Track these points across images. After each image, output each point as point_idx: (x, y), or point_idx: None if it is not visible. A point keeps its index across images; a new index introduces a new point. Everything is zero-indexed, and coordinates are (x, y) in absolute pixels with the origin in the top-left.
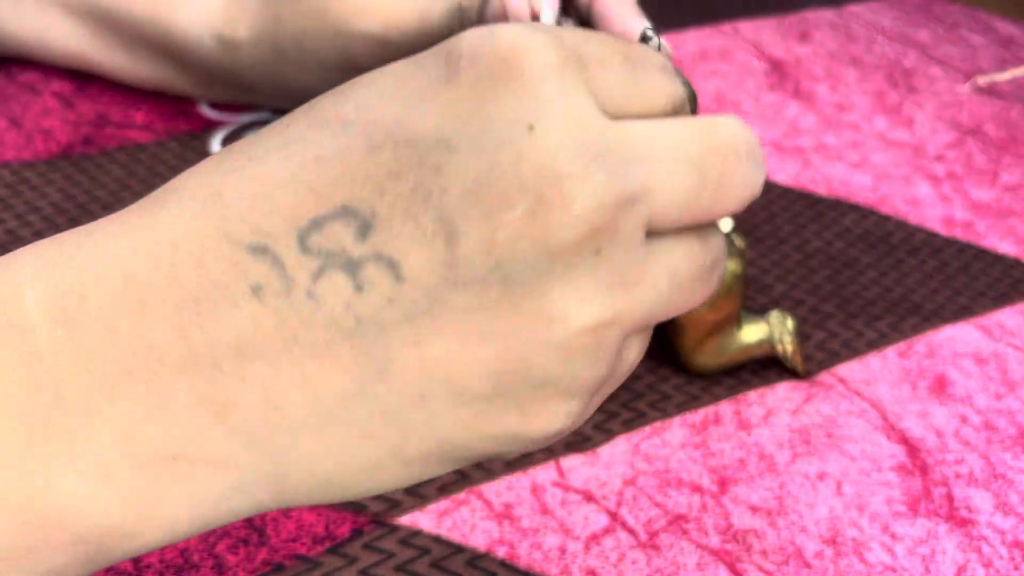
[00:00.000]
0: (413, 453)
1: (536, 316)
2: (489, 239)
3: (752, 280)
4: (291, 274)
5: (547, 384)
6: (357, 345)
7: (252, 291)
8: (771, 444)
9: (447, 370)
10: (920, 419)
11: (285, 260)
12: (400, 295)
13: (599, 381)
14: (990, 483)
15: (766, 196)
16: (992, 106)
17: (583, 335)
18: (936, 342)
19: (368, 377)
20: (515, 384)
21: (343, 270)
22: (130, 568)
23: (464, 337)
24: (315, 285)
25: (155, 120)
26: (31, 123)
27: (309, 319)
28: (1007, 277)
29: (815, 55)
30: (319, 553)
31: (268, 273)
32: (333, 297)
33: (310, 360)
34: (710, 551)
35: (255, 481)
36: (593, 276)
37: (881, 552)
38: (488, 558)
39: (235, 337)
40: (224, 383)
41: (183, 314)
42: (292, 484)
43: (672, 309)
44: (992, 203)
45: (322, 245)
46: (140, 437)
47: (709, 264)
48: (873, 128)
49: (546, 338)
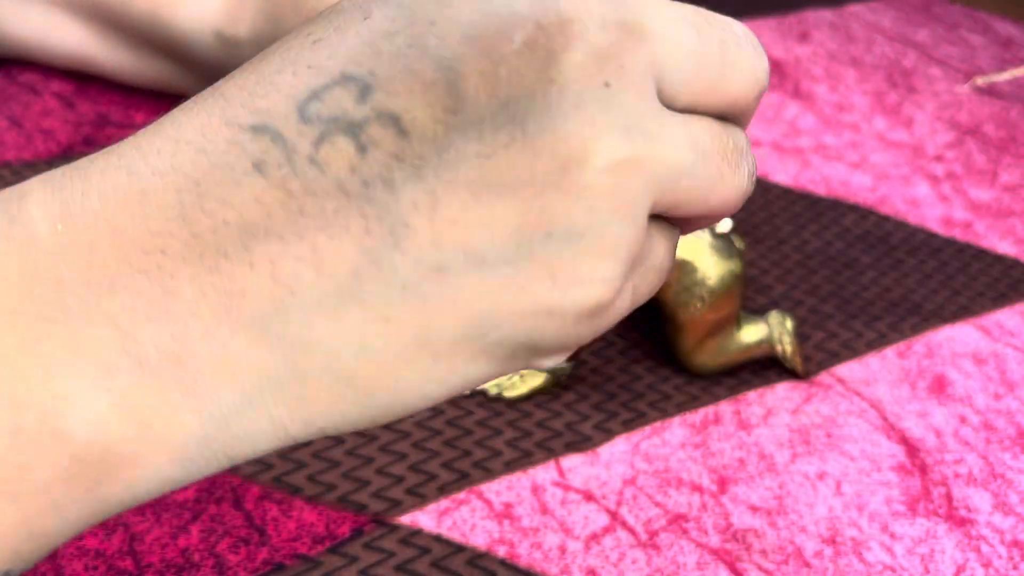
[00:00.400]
0: (440, 341)
1: (551, 157)
2: (491, 75)
3: (751, 280)
4: (292, 144)
5: (573, 239)
6: (366, 211)
7: (254, 167)
8: (771, 444)
9: (463, 232)
10: (919, 419)
11: (285, 133)
12: (406, 150)
13: (630, 245)
14: (989, 483)
15: (766, 196)
16: (991, 106)
17: (603, 175)
18: (935, 342)
19: (380, 246)
20: (539, 242)
21: (345, 133)
22: (131, 568)
23: (478, 190)
24: (317, 151)
25: (155, 120)
26: (31, 123)
27: (314, 187)
28: (1006, 277)
29: (815, 55)
30: (320, 552)
31: (269, 148)
32: (337, 161)
33: (318, 232)
34: (710, 550)
35: (269, 388)
36: (606, 112)
37: (880, 552)
38: (488, 557)
39: (239, 217)
40: (230, 271)
41: (184, 197)
42: (312, 391)
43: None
44: (991, 203)
45: (322, 113)
46: (142, 336)
47: (733, 147)
48: (872, 128)
49: (564, 181)
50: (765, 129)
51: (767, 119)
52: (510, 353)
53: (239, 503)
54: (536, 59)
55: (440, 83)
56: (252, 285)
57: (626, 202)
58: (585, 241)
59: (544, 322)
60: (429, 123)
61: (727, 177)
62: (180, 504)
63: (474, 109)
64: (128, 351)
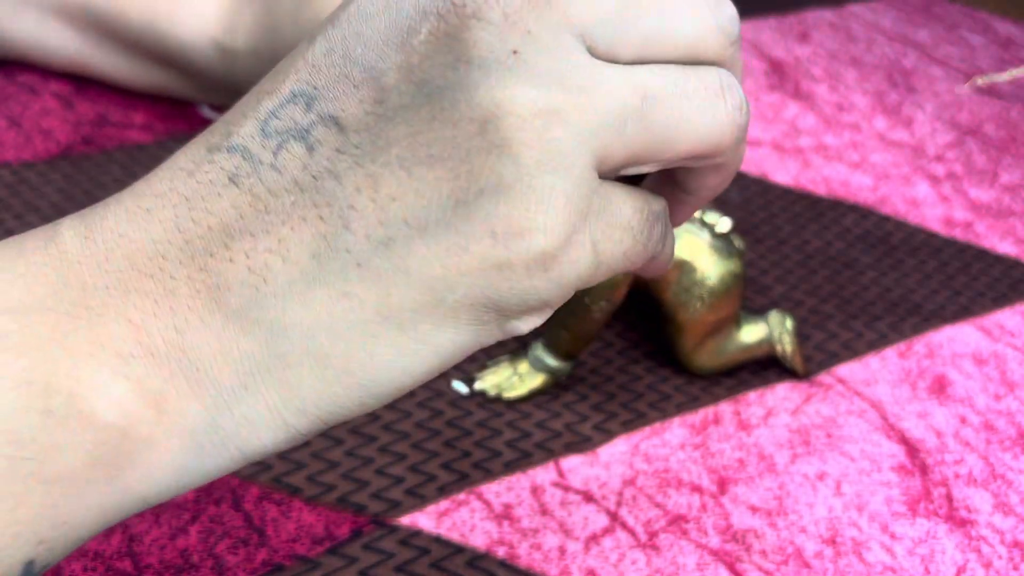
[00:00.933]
0: (402, 311)
1: (468, 122)
2: (406, 66)
3: (752, 281)
4: (258, 156)
5: (503, 193)
6: (318, 200)
7: (230, 180)
8: (770, 444)
9: (403, 205)
10: (920, 419)
11: (251, 148)
12: (345, 143)
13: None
14: (989, 483)
15: (766, 196)
16: (992, 106)
17: (520, 129)
18: (936, 342)
19: (333, 229)
20: (472, 202)
21: (296, 139)
22: (130, 568)
23: (410, 166)
24: (276, 158)
25: (154, 121)
26: (31, 123)
27: (275, 187)
28: (1007, 277)
29: (815, 55)
30: (319, 553)
31: (240, 163)
32: (292, 163)
33: (281, 225)
34: (710, 551)
35: (259, 372)
36: (516, 75)
37: (880, 552)
38: (488, 558)
39: (220, 222)
40: (216, 267)
41: (178, 211)
42: (295, 374)
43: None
44: (992, 203)
45: (279, 127)
46: (151, 329)
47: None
48: (873, 128)
49: (484, 142)
50: (765, 129)
51: (767, 119)
52: (475, 316)
53: (238, 504)
54: (441, 44)
55: (367, 81)
56: (233, 278)
57: (553, 153)
58: (515, 193)
59: (495, 278)
60: (361, 116)
61: (693, 116)
62: (179, 505)
63: (397, 97)
64: (141, 343)
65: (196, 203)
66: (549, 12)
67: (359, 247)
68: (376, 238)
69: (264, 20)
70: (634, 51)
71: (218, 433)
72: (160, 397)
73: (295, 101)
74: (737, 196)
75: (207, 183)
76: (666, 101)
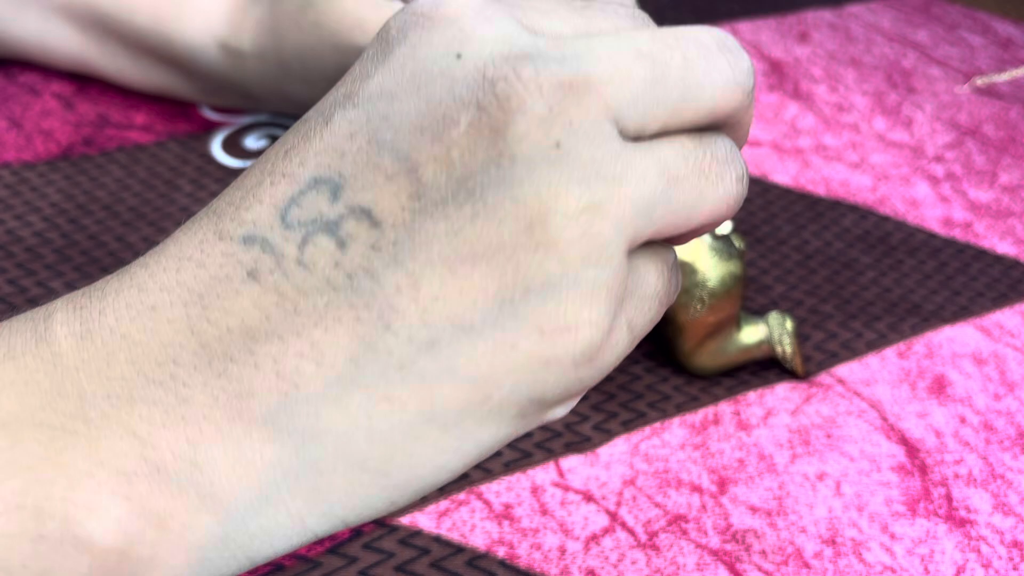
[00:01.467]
0: (445, 412)
1: (514, 220)
2: (445, 159)
3: (751, 281)
4: (280, 249)
5: (550, 291)
6: (354, 300)
7: (249, 275)
8: (770, 444)
9: (447, 305)
10: (919, 419)
11: (272, 240)
12: (381, 239)
13: (609, 286)
14: (989, 483)
15: (766, 196)
16: (991, 107)
17: (566, 227)
18: (935, 343)
19: (372, 331)
20: (519, 300)
21: (324, 232)
22: None
23: (453, 264)
24: (302, 253)
25: (155, 121)
26: (31, 124)
27: (304, 286)
28: (1006, 278)
29: (814, 55)
30: (319, 553)
31: (259, 256)
32: (321, 259)
33: (313, 327)
34: (710, 551)
35: (284, 482)
36: (560, 170)
37: (880, 552)
38: (488, 558)
39: (241, 323)
40: (238, 373)
41: (190, 310)
42: (327, 480)
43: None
44: (991, 203)
45: (302, 217)
46: (159, 443)
47: (711, 160)
48: (872, 128)
49: (531, 241)
50: (765, 129)
51: (767, 119)
52: (518, 411)
53: None
54: (483, 138)
55: (401, 173)
56: (259, 385)
57: (596, 247)
58: (562, 291)
59: (543, 374)
60: (397, 211)
61: (708, 192)
62: None
63: (435, 191)
64: (146, 458)
65: (211, 301)
66: (589, 99)
67: (401, 349)
68: (420, 339)
69: (267, 21)
70: (660, 125)
71: (229, 547)
72: (165, 516)
73: (317, 188)
74: None
75: (222, 278)
76: (687, 180)
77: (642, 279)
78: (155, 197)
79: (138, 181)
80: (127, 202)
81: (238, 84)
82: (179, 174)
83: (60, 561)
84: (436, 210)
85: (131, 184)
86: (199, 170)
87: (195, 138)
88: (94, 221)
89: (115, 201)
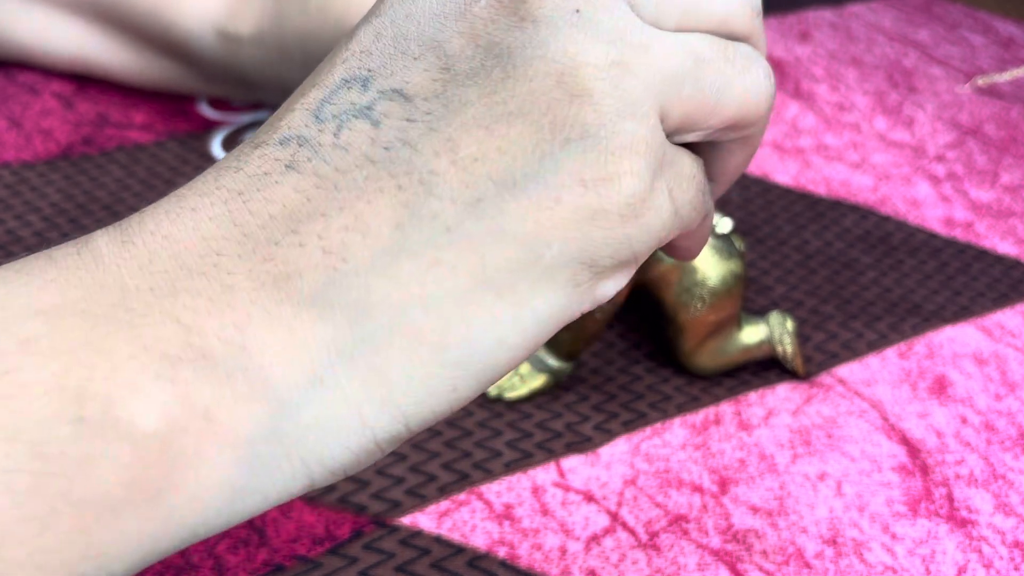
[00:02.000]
0: (497, 274)
1: (545, 76)
2: (469, 32)
3: (752, 281)
4: (316, 140)
5: (589, 141)
6: (394, 170)
7: (287, 167)
8: (771, 445)
9: (487, 164)
10: (920, 420)
11: (307, 135)
12: (414, 112)
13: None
14: (990, 484)
15: (766, 196)
16: (992, 106)
17: (597, 79)
18: (936, 343)
19: (415, 197)
20: (560, 152)
21: (358, 116)
22: None
23: (489, 124)
24: (339, 139)
25: (155, 120)
26: (31, 123)
27: (343, 165)
28: (1007, 278)
29: (815, 55)
30: (319, 554)
31: (297, 150)
32: (358, 139)
33: (356, 200)
34: (710, 551)
35: (340, 361)
36: (584, 32)
37: (881, 552)
38: (488, 558)
39: (282, 208)
40: (283, 255)
41: (231, 206)
42: (383, 357)
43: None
44: (992, 203)
45: (335, 111)
46: (205, 329)
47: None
48: (873, 128)
49: (564, 92)
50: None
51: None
52: (571, 277)
53: None
54: (504, 7)
55: (428, 52)
56: (305, 264)
57: (629, 102)
58: (601, 139)
59: (590, 228)
60: (428, 84)
61: (735, 79)
62: None
63: (463, 62)
64: (192, 344)
65: (251, 195)
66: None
67: (446, 211)
68: (463, 200)
69: (270, 7)
70: (675, 21)
71: (281, 442)
72: (212, 403)
73: (348, 86)
74: (737, 196)
75: (261, 175)
76: (714, 64)
77: (679, 159)
78: (155, 197)
79: (138, 181)
80: (127, 202)
81: (236, 71)
82: (179, 174)
83: (100, 448)
84: (466, 79)
85: (131, 184)
86: (199, 170)
87: (195, 137)
88: (94, 221)
89: (115, 201)
